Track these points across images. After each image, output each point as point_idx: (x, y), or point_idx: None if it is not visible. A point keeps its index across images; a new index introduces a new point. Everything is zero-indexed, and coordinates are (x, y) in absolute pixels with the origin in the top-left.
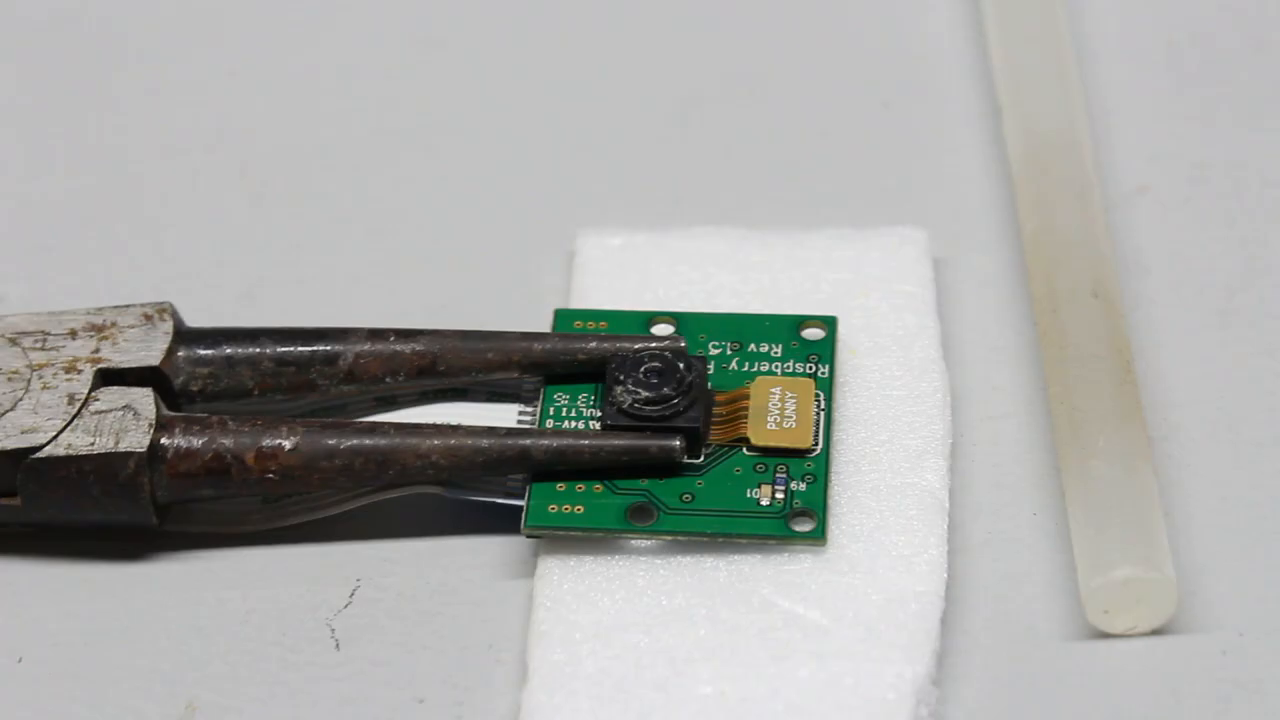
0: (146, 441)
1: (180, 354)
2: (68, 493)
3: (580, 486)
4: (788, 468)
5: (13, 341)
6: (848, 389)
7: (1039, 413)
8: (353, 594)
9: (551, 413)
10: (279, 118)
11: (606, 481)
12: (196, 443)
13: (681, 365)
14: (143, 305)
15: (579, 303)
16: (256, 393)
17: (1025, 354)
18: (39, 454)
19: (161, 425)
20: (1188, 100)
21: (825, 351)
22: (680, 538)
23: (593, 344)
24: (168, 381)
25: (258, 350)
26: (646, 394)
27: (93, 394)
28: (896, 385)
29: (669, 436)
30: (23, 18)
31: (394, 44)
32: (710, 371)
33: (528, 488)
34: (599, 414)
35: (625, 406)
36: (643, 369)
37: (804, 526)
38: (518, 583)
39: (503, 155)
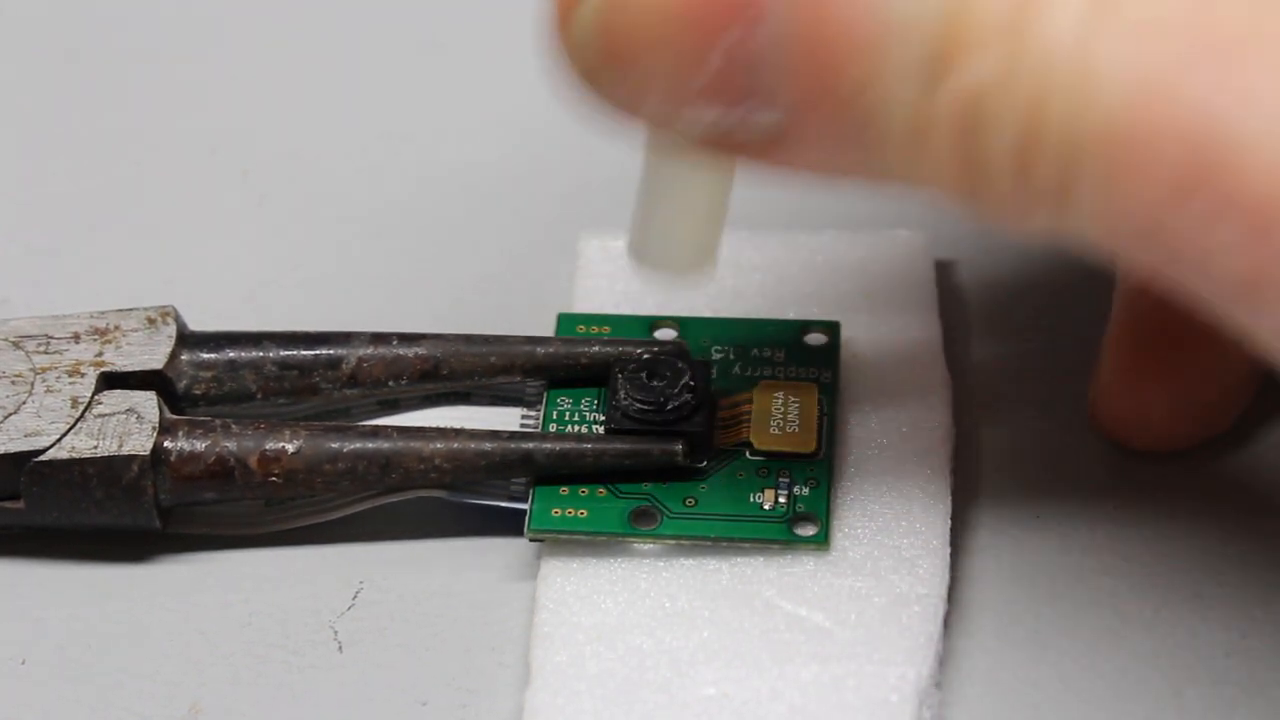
0: (150, 445)
1: (183, 357)
2: (71, 496)
3: (583, 490)
4: (790, 472)
5: (16, 345)
6: (850, 393)
7: (1042, 415)
8: (355, 596)
9: (555, 416)
10: (282, 120)
11: (609, 485)
12: (200, 446)
13: (685, 369)
14: (145, 309)
15: (582, 306)
16: (259, 396)
17: (1028, 356)
18: (42, 457)
19: (165, 428)
20: None
21: (828, 356)
22: (683, 542)
23: (596, 348)
24: (171, 385)
25: (261, 354)
26: (650, 398)
27: (96, 397)
28: (898, 388)
29: (671, 440)
30: (25, 20)
31: (397, 46)
32: (713, 376)
33: (531, 491)
34: (602, 418)
35: (629, 411)
36: (646, 373)
37: (807, 531)
38: (520, 585)
39: (505, 158)
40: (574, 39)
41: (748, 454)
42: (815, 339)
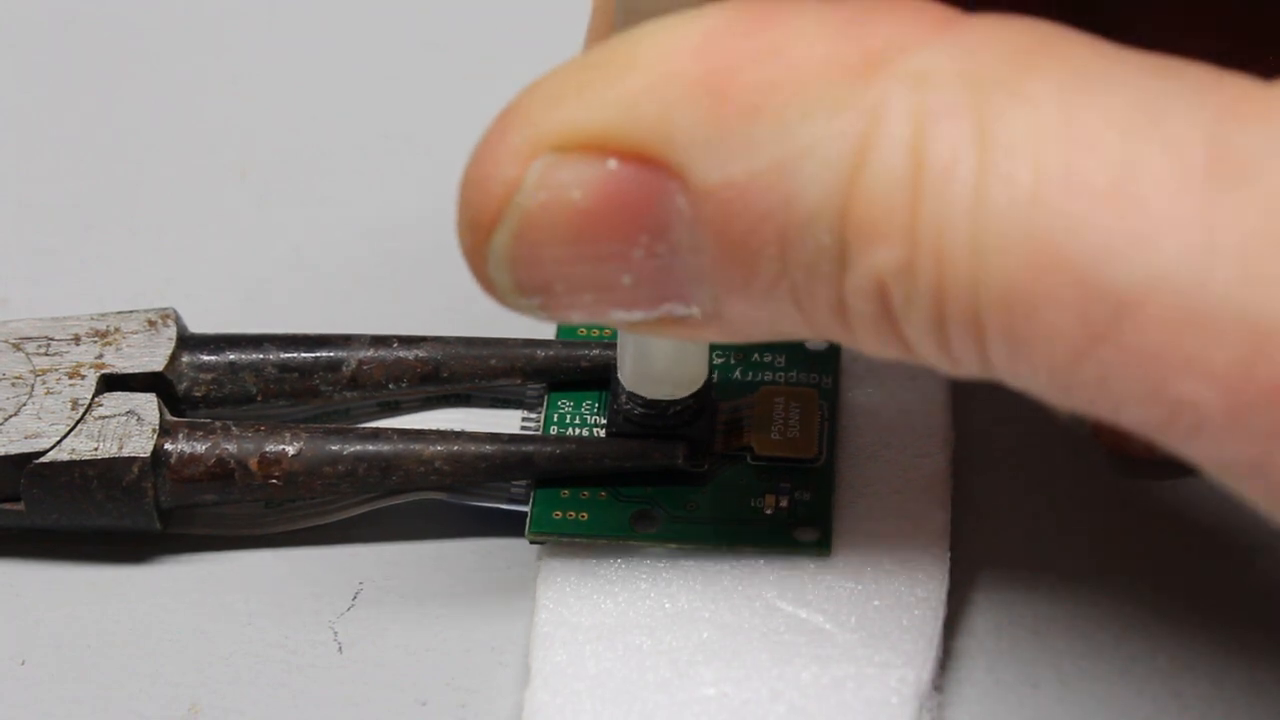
0: (150, 447)
1: (184, 360)
2: (71, 498)
3: (584, 493)
4: (791, 477)
5: (16, 347)
6: (851, 398)
7: (1041, 417)
8: (355, 596)
9: (555, 419)
10: (281, 121)
11: (610, 488)
12: (200, 448)
13: None
14: (146, 311)
15: None
16: (260, 398)
17: None
18: (42, 459)
19: (165, 431)
20: None
21: (829, 362)
22: (685, 546)
23: (596, 351)
24: (171, 387)
25: (261, 356)
26: (651, 402)
27: (96, 399)
28: (898, 391)
29: (672, 444)
30: (25, 20)
31: (397, 47)
32: (714, 380)
33: (532, 494)
34: (603, 421)
35: (630, 414)
36: None
37: (808, 536)
38: (520, 585)
39: None
40: (488, 276)
41: (749, 459)
42: (816, 344)
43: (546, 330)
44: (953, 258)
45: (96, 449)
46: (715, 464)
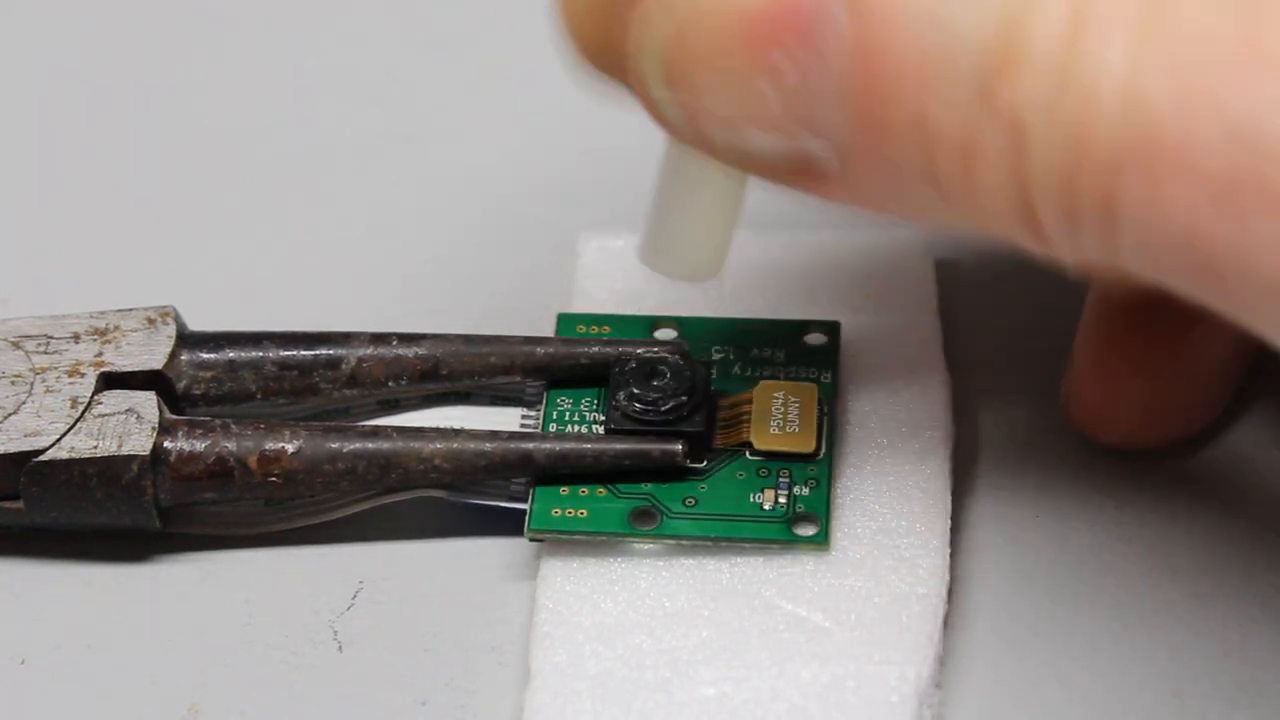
0: (149, 445)
1: (183, 357)
2: (70, 496)
3: (584, 490)
4: (790, 472)
5: (15, 345)
6: (850, 393)
7: (1041, 415)
8: (355, 596)
9: (554, 416)
10: (282, 120)
11: (610, 485)
12: (199, 446)
13: (685, 369)
14: (145, 309)
15: (581, 306)
16: (259, 396)
17: (1028, 356)
18: (42, 457)
19: (164, 429)
20: None
21: (828, 356)
22: (683, 542)
23: (595, 348)
24: (170, 385)
25: (260, 354)
26: (651, 398)
27: (95, 397)
28: (898, 388)
29: (671, 440)
30: (25, 19)
31: (397, 46)
32: (713, 376)
33: (531, 491)
34: (602, 418)
35: (629, 411)
36: (646, 373)
37: (807, 531)
38: (520, 584)
39: (505, 157)
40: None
41: (748, 454)
42: (815, 339)
43: (546, 328)
44: (1104, 92)
45: (96, 447)
46: (714, 460)
